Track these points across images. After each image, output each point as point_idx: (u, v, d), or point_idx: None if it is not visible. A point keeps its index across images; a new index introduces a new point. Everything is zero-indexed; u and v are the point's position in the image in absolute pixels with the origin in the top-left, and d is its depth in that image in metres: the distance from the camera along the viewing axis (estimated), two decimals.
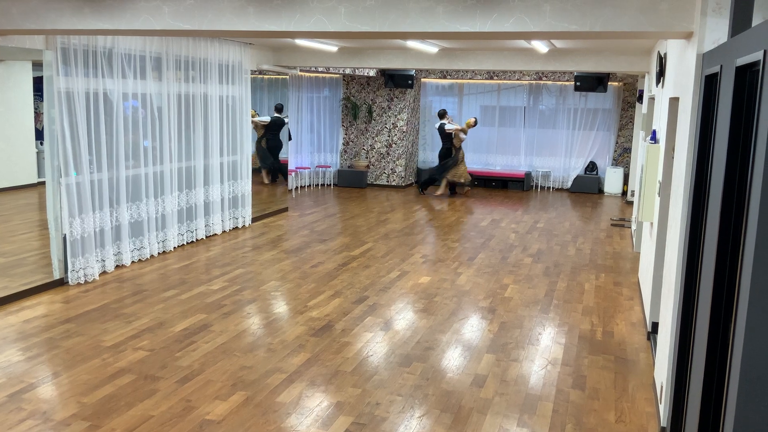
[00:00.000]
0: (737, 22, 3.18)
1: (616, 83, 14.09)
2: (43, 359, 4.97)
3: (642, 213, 6.08)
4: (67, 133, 6.62)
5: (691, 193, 3.55)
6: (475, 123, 13.53)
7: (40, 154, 12.81)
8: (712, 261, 2.82)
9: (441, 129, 13.37)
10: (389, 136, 14.62)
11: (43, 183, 6.96)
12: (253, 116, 11.86)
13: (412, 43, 8.48)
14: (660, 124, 5.99)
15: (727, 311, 2.67)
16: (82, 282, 6.88)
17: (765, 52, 2.10)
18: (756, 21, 3.05)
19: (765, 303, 2.07)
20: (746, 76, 2.55)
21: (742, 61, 2.45)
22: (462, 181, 13.46)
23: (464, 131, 13.34)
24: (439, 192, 13.59)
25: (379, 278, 7.35)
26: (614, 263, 8.31)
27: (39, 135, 12.76)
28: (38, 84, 12.46)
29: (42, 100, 12.37)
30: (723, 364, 2.71)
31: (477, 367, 5.02)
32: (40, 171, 12.80)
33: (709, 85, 3.36)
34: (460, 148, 13.37)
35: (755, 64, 2.30)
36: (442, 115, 13.51)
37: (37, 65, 11.23)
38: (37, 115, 12.92)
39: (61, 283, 6.78)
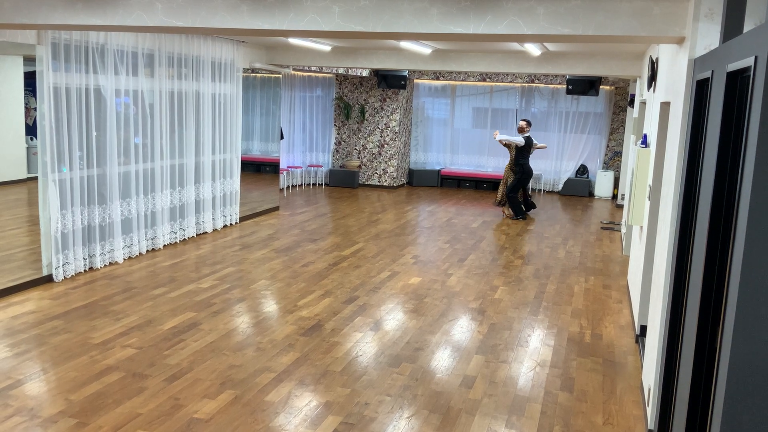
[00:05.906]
0: (729, 27, 3.19)
1: (608, 87, 14.14)
2: (31, 356, 4.94)
3: (632, 216, 6.11)
4: (56, 129, 6.58)
5: (680, 197, 3.57)
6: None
7: (30, 150, 12.73)
8: (700, 265, 2.84)
9: (528, 142, 11.44)
10: (381, 137, 14.63)
11: (33, 179, 6.93)
12: None
13: (405, 44, 8.48)
14: (651, 129, 6.02)
15: (716, 315, 2.69)
16: (71, 278, 6.85)
17: (756, 58, 2.11)
18: (748, 27, 3.07)
19: (753, 307, 2.08)
20: (737, 81, 2.56)
21: (733, 66, 2.46)
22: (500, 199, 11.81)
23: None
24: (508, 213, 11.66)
25: (370, 278, 7.35)
26: (604, 266, 8.34)
27: (30, 130, 12.68)
28: (30, 79, 12.40)
29: (33, 96, 12.30)
30: (711, 368, 2.72)
31: (466, 368, 5.02)
32: (30, 167, 12.72)
33: (700, 90, 3.38)
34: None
35: (746, 69, 2.31)
36: (522, 128, 11.54)
37: (29, 60, 11.16)
38: (28, 110, 12.84)
39: (50, 279, 6.75)
